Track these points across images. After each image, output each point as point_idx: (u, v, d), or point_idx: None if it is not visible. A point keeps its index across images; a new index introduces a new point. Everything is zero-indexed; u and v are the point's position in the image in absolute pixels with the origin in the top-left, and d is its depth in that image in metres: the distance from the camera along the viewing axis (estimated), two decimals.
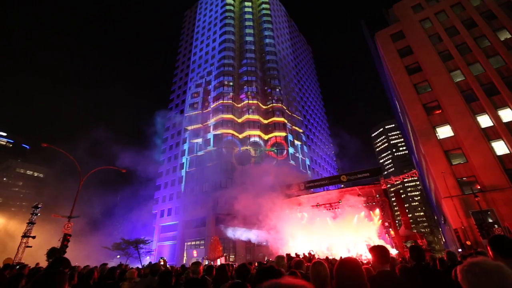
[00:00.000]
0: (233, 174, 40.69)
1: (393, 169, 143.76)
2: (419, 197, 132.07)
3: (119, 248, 38.34)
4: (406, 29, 34.24)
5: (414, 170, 30.59)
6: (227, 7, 62.07)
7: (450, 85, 27.85)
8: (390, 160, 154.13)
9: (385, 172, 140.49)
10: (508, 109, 24.41)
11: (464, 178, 23.94)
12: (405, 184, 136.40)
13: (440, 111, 27.44)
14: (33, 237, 24.13)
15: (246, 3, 64.55)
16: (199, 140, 49.83)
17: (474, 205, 21.56)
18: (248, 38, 58.42)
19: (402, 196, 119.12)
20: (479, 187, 22.63)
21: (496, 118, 24.47)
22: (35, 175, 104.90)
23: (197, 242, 41.34)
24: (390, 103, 64.14)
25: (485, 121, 25.06)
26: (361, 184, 27.54)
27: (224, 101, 49.33)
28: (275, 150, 46.85)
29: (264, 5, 66.13)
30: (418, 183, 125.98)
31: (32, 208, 25.80)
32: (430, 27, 32.81)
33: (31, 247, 23.62)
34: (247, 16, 62.20)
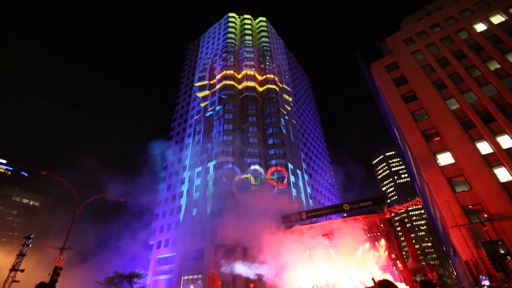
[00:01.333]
0: (233, 204, 39.81)
1: (396, 197, 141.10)
2: (425, 227, 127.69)
3: (111, 283, 36.23)
4: (400, 60, 35.80)
5: (418, 198, 29.89)
6: (229, 41, 65.85)
7: (447, 112, 28.38)
8: (393, 188, 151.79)
9: (388, 200, 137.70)
10: (507, 136, 24.56)
11: (469, 206, 23.31)
12: (410, 213, 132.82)
13: (439, 138, 27.62)
14: (22, 271, 22.89)
15: (247, 37, 68.40)
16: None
17: (483, 234, 20.74)
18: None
19: (407, 225, 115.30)
20: (486, 215, 21.94)
21: (495, 145, 24.53)
22: (31, 203, 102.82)
23: (195, 276, 39.11)
24: (389, 130, 64.88)
25: (484, 147, 25.09)
26: (364, 213, 26.79)
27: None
28: (276, 178, 46.35)
29: (263, 39, 70.04)
30: (423, 211, 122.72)
31: (24, 239, 24.79)
32: (422, 58, 34.34)
33: (18, 281, 22.27)
34: (247, 49, 65.52)
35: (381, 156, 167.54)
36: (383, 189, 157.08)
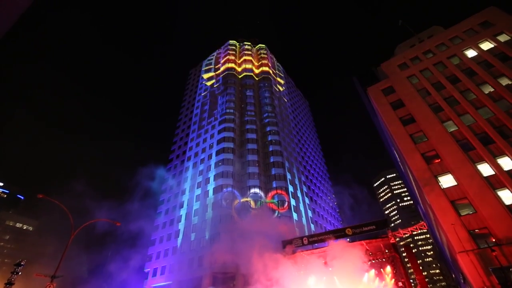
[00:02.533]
0: (232, 229, 38.69)
1: (400, 220, 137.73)
2: (432, 252, 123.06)
3: None
4: (396, 84, 36.79)
5: (422, 222, 29.12)
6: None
7: (445, 135, 28.56)
8: (396, 211, 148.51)
9: (392, 224, 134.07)
10: (507, 158, 24.48)
11: (476, 230, 22.60)
12: (415, 237, 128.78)
13: (439, 160, 27.53)
14: None
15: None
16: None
17: (493, 260, 19.90)
18: (248, 93, 62.67)
19: (413, 250, 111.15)
20: (494, 240, 21.20)
21: (496, 167, 24.37)
22: (24, 228, 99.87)
23: None
24: (389, 152, 64.87)
25: (486, 169, 24.89)
26: (368, 237, 25.96)
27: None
28: (276, 202, 45.51)
29: (263, 61, 72.64)
30: (428, 236, 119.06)
31: (14, 266, 23.71)
32: (417, 83, 35.32)
33: None
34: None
35: (382, 179, 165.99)
36: (386, 212, 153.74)
